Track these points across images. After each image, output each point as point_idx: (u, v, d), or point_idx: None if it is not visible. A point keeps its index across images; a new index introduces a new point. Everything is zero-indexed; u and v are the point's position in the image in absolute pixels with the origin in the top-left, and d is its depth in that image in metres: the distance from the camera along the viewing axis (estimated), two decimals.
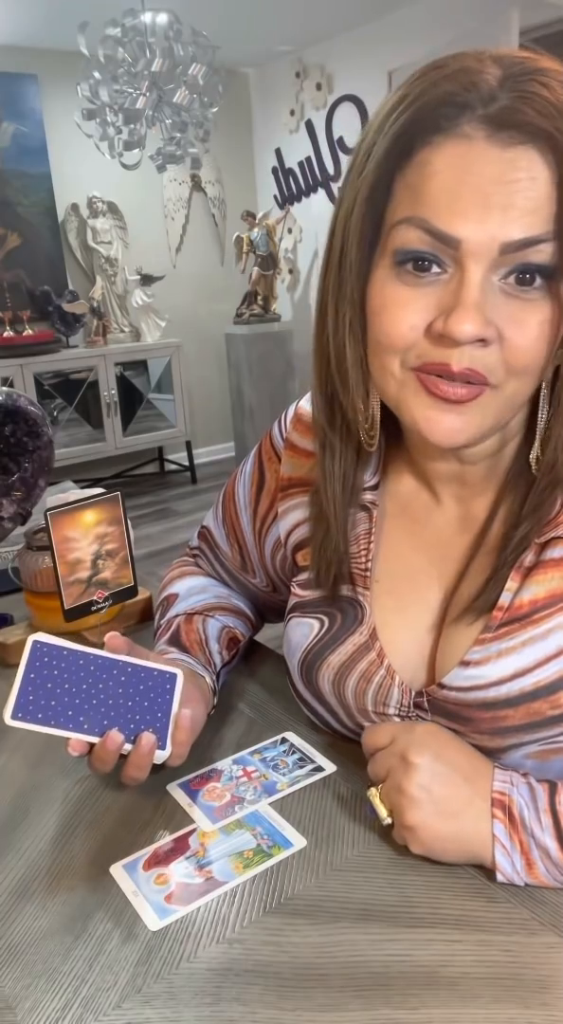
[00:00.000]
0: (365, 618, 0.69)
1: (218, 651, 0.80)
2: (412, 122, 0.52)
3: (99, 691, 0.61)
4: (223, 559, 0.88)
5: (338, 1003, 0.48)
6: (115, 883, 0.59)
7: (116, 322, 4.66)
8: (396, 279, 0.55)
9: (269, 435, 0.81)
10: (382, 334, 0.56)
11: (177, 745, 0.63)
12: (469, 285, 0.52)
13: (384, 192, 0.55)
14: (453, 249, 0.52)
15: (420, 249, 0.53)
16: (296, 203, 5.01)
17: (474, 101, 0.51)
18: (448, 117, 0.51)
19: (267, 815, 0.65)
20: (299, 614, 0.74)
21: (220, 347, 5.00)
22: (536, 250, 0.51)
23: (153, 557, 3.53)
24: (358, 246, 0.57)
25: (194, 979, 0.51)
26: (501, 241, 0.51)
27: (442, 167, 0.51)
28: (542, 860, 0.55)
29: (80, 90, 3.28)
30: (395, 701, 0.67)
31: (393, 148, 0.53)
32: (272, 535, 0.80)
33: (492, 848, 0.55)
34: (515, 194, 0.50)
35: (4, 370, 4.03)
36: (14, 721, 0.58)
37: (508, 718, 0.61)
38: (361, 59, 4.32)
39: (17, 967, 0.53)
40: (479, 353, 0.53)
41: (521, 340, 0.53)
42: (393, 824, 0.59)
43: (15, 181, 4.22)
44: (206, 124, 3.52)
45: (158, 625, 0.85)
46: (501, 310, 0.53)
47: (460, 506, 0.68)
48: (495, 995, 0.48)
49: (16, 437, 0.99)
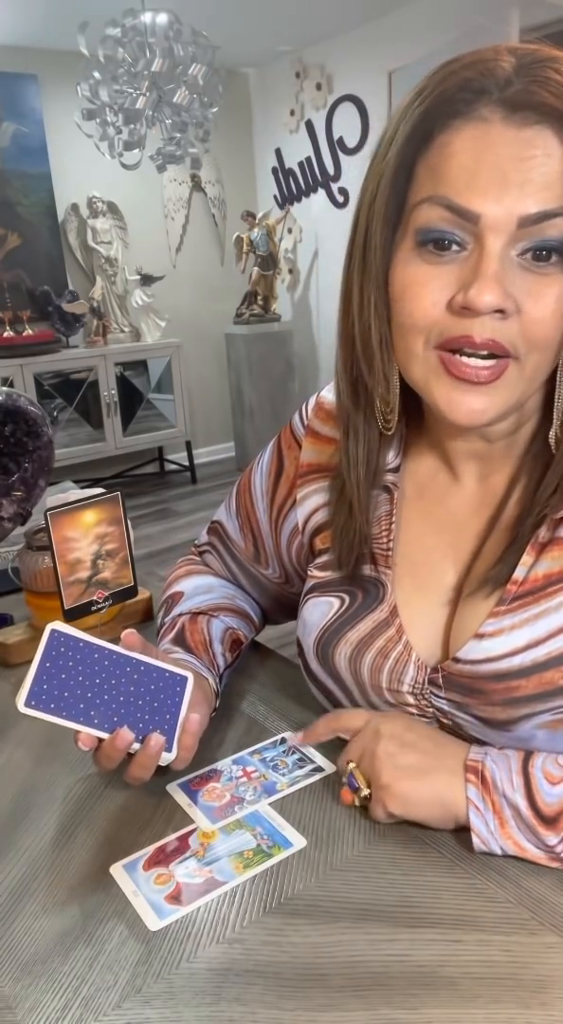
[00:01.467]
0: (386, 596, 0.70)
1: (222, 653, 0.80)
2: (432, 107, 0.56)
3: (111, 687, 0.61)
4: (235, 551, 0.88)
5: (338, 1003, 0.48)
6: (115, 883, 0.59)
7: (116, 322, 4.66)
8: (418, 258, 0.58)
9: (289, 425, 0.83)
10: (405, 314, 0.58)
11: (183, 749, 0.63)
12: (488, 258, 0.54)
13: (406, 175, 0.58)
14: (473, 224, 0.54)
15: (441, 227, 0.56)
16: (296, 203, 5.01)
17: (491, 86, 0.54)
18: (466, 102, 0.54)
19: (267, 815, 0.65)
20: (318, 594, 0.75)
21: (220, 347, 5.00)
22: (552, 224, 0.53)
23: (153, 557, 3.53)
24: (382, 228, 0.59)
25: (194, 979, 0.51)
26: (519, 215, 0.53)
27: (461, 148, 0.54)
28: (513, 818, 0.57)
29: (80, 90, 3.28)
30: (410, 678, 0.68)
31: (414, 133, 0.56)
32: (289, 522, 0.81)
33: (466, 810, 0.58)
34: (531, 171, 0.53)
35: (4, 370, 4.02)
36: (27, 709, 0.57)
37: (520, 688, 0.62)
38: (361, 59, 4.31)
39: (17, 967, 0.53)
40: (500, 325, 0.55)
41: (539, 313, 0.55)
42: (370, 796, 0.62)
43: (15, 181, 4.22)
44: (206, 124, 3.51)
45: (162, 623, 0.85)
46: (519, 284, 0.55)
47: (479, 484, 0.69)
48: (494, 995, 0.48)
49: (16, 437, 0.99)
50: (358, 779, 0.63)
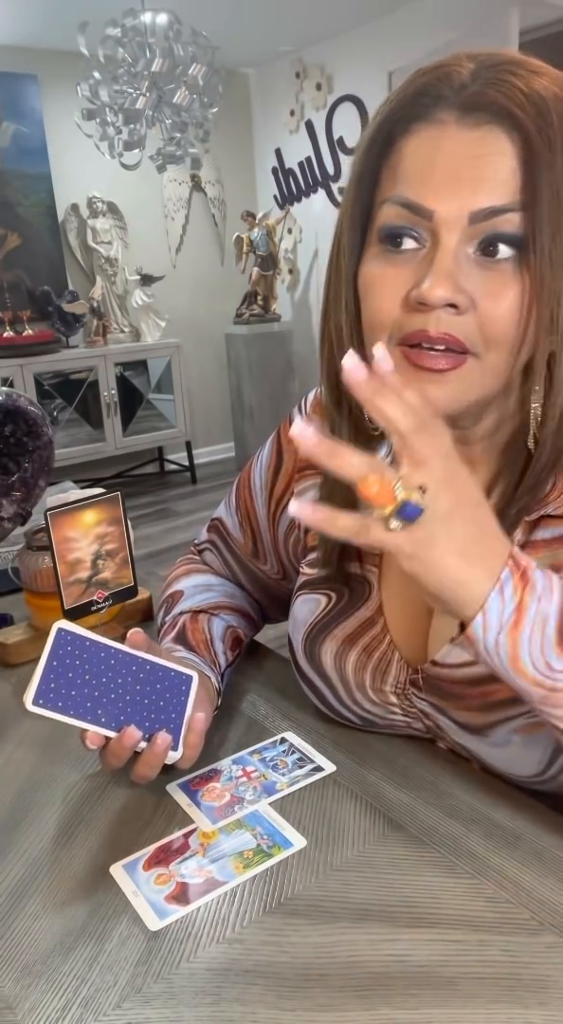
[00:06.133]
0: (372, 594, 0.71)
1: (223, 651, 0.80)
2: (393, 113, 0.58)
3: (118, 685, 0.62)
4: (234, 547, 0.89)
5: (338, 1003, 0.48)
6: (115, 883, 0.59)
7: (116, 322, 4.66)
8: (380, 257, 0.59)
9: (288, 419, 0.83)
10: (371, 312, 0.60)
11: (189, 748, 0.64)
12: (442, 253, 0.55)
13: (371, 179, 0.60)
14: (427, 220, 0.56)
15: (397, 224, 0.57)
16: (296, 203, 5.01)
17: (448, 91, 0.56)
18: (425, 106, 0.57)
19: (267, 815, 0.65)
20: (308, 591, 0.76)
21: (220, 347, 5.00)
22: (504, 219, 0.54)
23: (153, 557, 3.53)
24: (350, 230, 0.61)
25: (194, 979, 0.51)
26: (469, 210, 0.54)
27: (417, 148, 0.57)
28: (531, 624, 0.50)
29: (80, 90, 3.28)
30: (392, 677, 0.69)
31: (377, 137, 0.59)
32: (286, 516, 0.81)
33: (490, 587, 0.50)
34: (483, 168, 0.54)
35: (4, 370, 4.03)
36: (35, 708, 0.57)
37: (496, 692, 0.62)
38: (361, 59, 4.31)
39: (17, 967, 0.53)
40: (455, 320, 0.55)
41: (495, 310, 0.55)
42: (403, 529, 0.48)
43: (15, 181, 4.22)
44: (206, 124, 3.52)
45: (162, 622, 0.85)
46: (475, 281, 0.55)
47: None
48: (494, 995, 0.48)
49: (16, 437, 0.99)
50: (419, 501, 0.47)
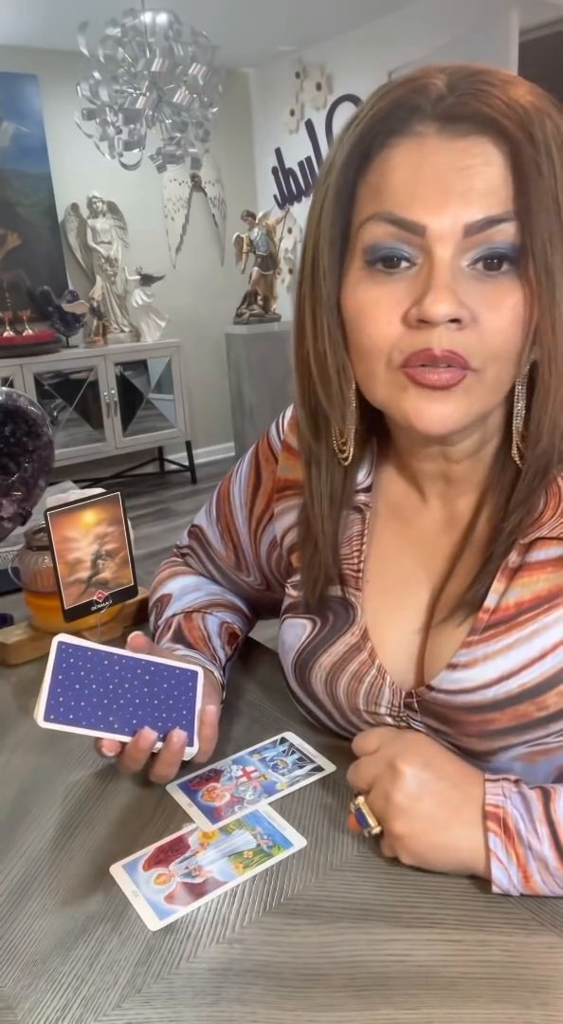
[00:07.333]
0: (356, 619, 0.69)
1: (221, 646, 0.80)
2: (368, 128, 0.56)
3: (125, 690, 0.62)
4: (216, 558, 0.88)
5: (338, 1003, 0.48)
6: (115, 883, 0.59)
7: (116, 322, 4.66)
8: (368, 279, 0.57)
9: (266, 437, 0.81)
10: (364, 336, 0.57)
11: (204, 741, 0.64)
12: (439, 268, 0.53)
13: (348, 197, 0.57)
14: (419, 237, 0.54)
15: (388, 243, 0.55)
16: (296, 203, 5.01)
17: (423, 103, 0.54)
18: (401, 119, 0.55)
19: (267, 815, 0.65)
20: (292, 615, 0.74)
21: (220, 347, 4.99)
22: (498, 230, 0.53)
23: (153, 557, 3.53)
24: (329, 252, 0.58)
25: (194, 979, 0.51)
26: (464, 223, 0.53)
27: (399, 162, 0.54)
28: (539, 872, 0.53)
29: (80, 90, 3.28)
30: (386, 701, 0.67)
31: (353, 153, 0.56)
32: (268, 534, 0.80)
33: (487, 860, 0.54)
34: (472, 178, 0.52)
35: (4, 370, 4.02)
36: (46, 723, 0.58)
37: (495, 721, 0.61)
38: (361, 59, 4.31)
39: (17, 967, 0.53)
40: (457, 336, 0.54)
41: (496, 322, 0.54)
42: (382, 834, 0.57)
43: (15, 181, 4.22)
44: (206, 124, 3.51)
45: (156, 626, 0.85)
46: (473, 295, 0.54)
47: (445, 506, 0.68)
48: (495, 995, 0.48)
49: (16, 437, 0.99)
50: (368, 817, 0.57)
